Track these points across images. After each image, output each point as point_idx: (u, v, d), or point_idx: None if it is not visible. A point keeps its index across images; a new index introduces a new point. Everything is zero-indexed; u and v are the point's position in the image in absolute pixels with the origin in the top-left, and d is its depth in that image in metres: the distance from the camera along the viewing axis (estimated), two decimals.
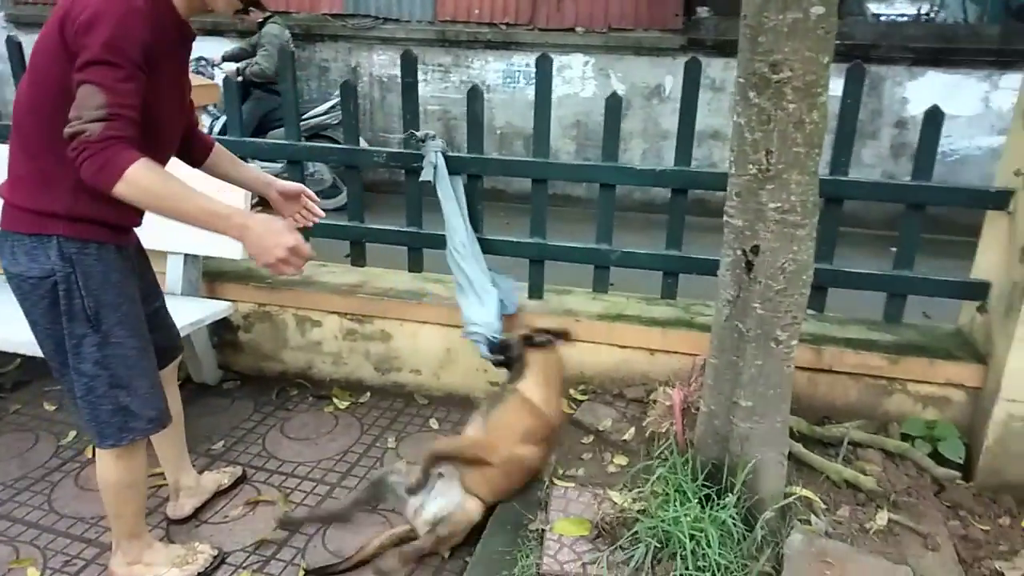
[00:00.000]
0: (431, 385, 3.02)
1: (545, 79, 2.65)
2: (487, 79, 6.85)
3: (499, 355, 2.45)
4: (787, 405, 1.96)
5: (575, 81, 6.67)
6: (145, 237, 1.96)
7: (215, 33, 7.12)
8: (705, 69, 2.62)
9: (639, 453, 2.34)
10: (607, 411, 2.58)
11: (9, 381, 3.10)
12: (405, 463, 2.32)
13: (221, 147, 2.11)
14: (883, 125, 6.27)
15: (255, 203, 2.77)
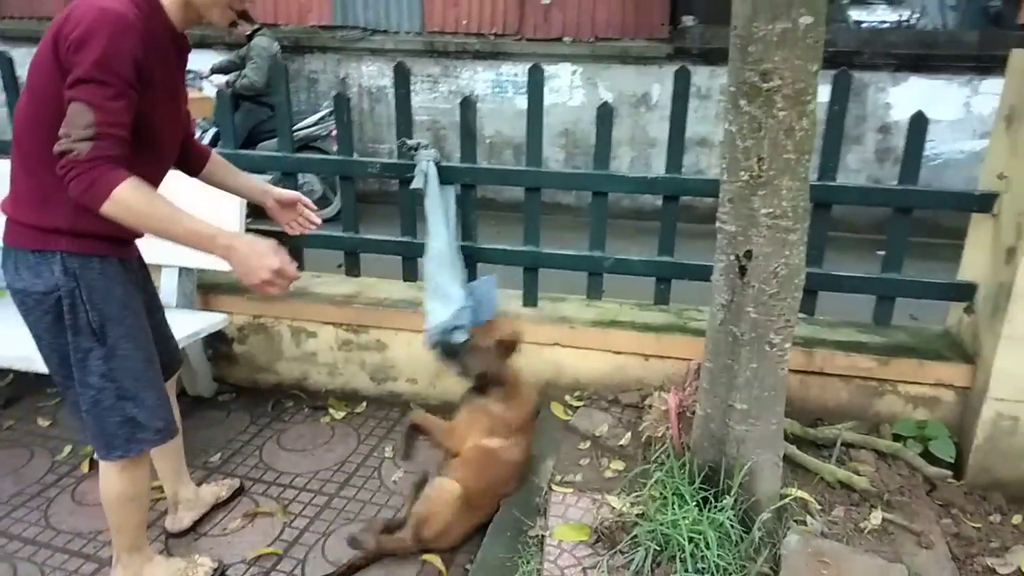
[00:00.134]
0: (427, 394, 3.03)
1: (537, 89, 2.68)
2: (476, 89, 6.89)
3: (451, 361, 2.41)
4: (781, 407, 1.98)
5: (563, 90, 6.73)
6: (140, 251, 1.97)
7: (203, 45, 7.13)
8: (691, 77, 2.66)
9: (636, 458, 2.36)
10: (603, 417, 2.60)
11: (1, 397, 3.08)
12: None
13: (217, 156, 2.12)
14: (867, 130, 6.37)
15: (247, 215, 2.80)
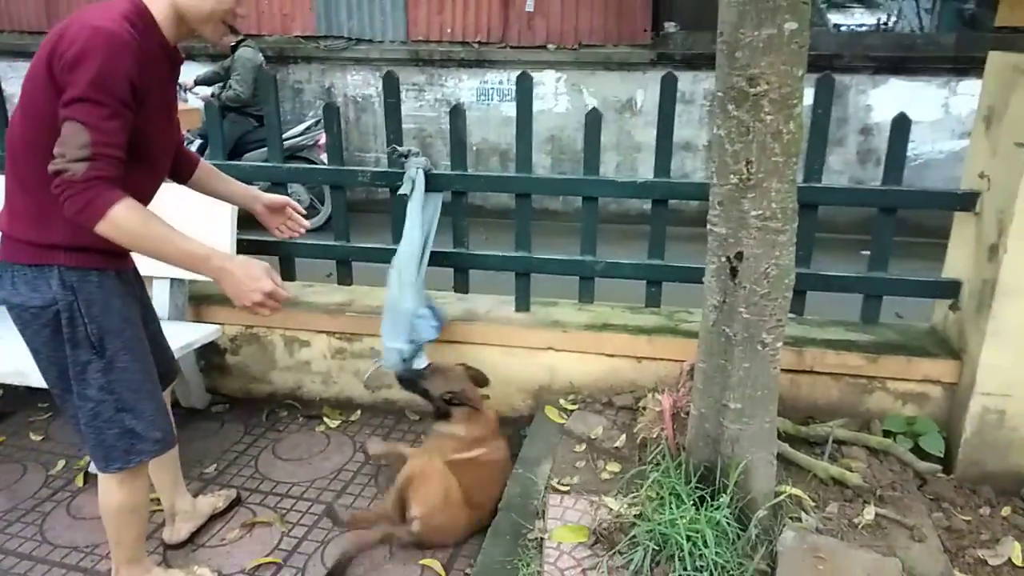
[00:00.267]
0: (422, 400, 3.03)
1: (526, 96, 2.71)
2: (461, 97, 6.92)
3: (408, 386, 2.54)
4: (775, 406, 2.01)
5: (548, 97, 6.78)
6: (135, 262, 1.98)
7: (187, 57, 7.06)
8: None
9: (631, 459, 2.38)
10: (597, 419, 2.62)
11: None
12: None
13: (206, 163, 2.14)
14: (849, 132, 6.46)
15: None
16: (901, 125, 2.51)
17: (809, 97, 2.39)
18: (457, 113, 2.78)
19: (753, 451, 1.98)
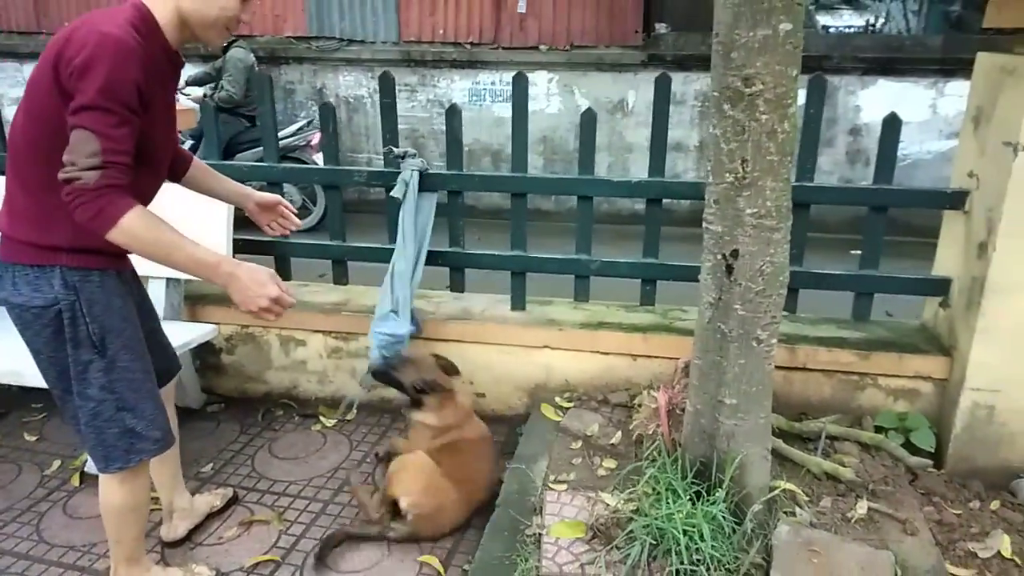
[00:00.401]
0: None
1: (522, 96, 2.73)
2: (453, 97, 6.93)
3: (380, 377, 2.52)
4: (769, 401, 2.04)
5: (540, 98, 6.79)
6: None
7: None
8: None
9: (627, 456, 2.40)
10: (593, 417, 2.64)
11: None
12: None
13: (199, 161, 2.16)
14: (838, 132, 6.52)
15: None
16: (892, 125, 2.55)
17: (801, 97, 2.42)
18: (453, 113, 2.80)
19: (748, 446, 2.01)
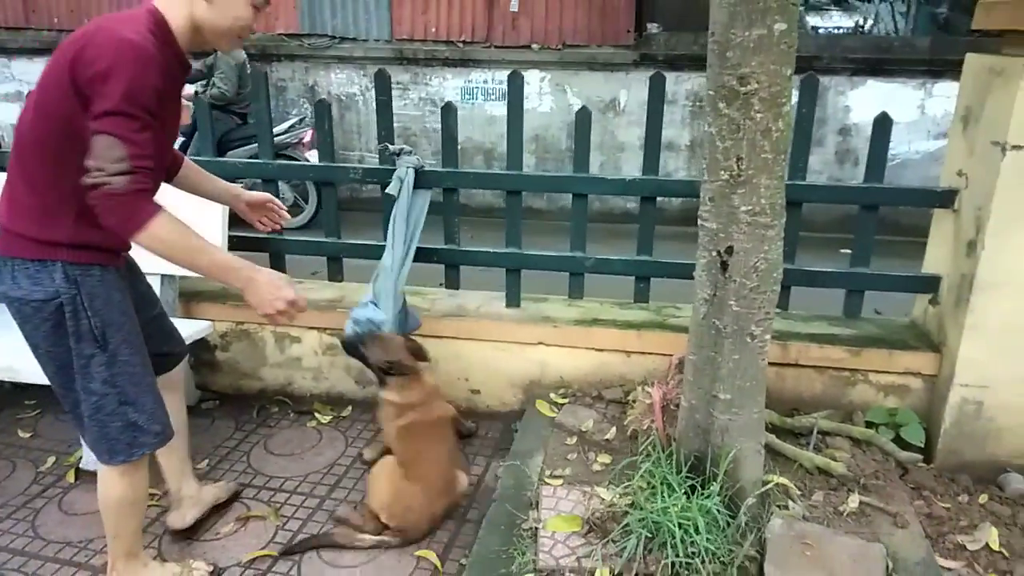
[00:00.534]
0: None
1: (517, 94, 2.75)
2: (445, 96, 6.94)
3: (349, 349, 2.48)
4: (763, 396, 2.07)
5: (532, 96, 6.81)
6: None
7: None
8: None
9: (622, 451, 2.43)
10: (588, 413, 2.66)
11: None
12: None
13: (190, 161, 2.18)
14: (828, 132, 6.57)
15: None
16: (883, 124, 2.58)
17: (793, 97, 2.45)
18: (449, 111, 2.81)
19: (742, 440, 2.04)
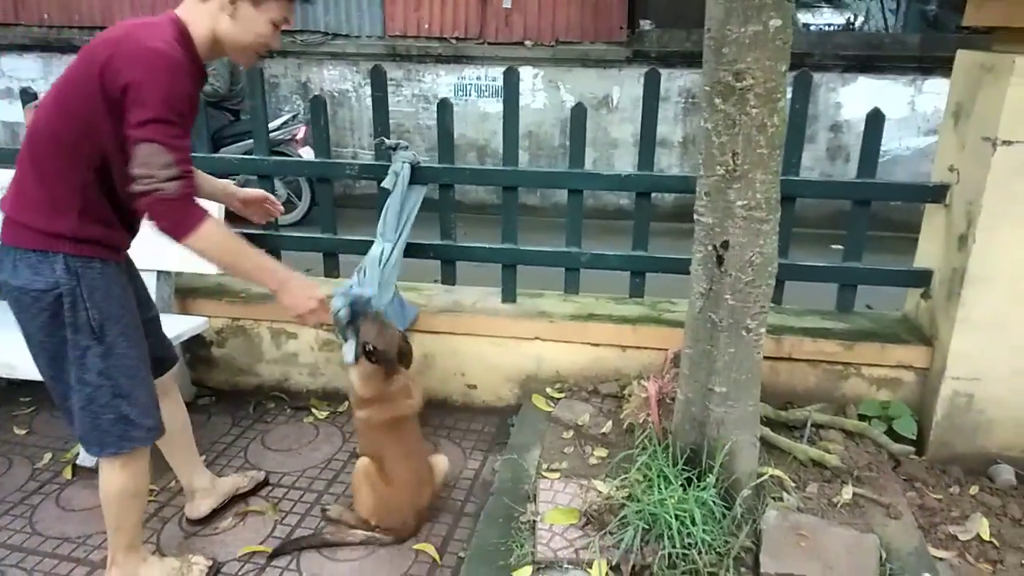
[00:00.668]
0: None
1: (512, 91, 2.76)
2: (439, 92, 6.94)
3: (351, 318, 2.26)
4: (758, 389, 2.09)
5: (525, 93, 6.81)
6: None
7: None
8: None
9: (618, 445, 2.44)
10: (584, 407, 2.68)
11: None
12: None
13: None
14: (819, 129, 6.60)
15: None
16: (875, 120, 2.61)
17: (787, 93, 2.48)
18: (444, 107, 2.82)
19: (737, 433, 2.06)
